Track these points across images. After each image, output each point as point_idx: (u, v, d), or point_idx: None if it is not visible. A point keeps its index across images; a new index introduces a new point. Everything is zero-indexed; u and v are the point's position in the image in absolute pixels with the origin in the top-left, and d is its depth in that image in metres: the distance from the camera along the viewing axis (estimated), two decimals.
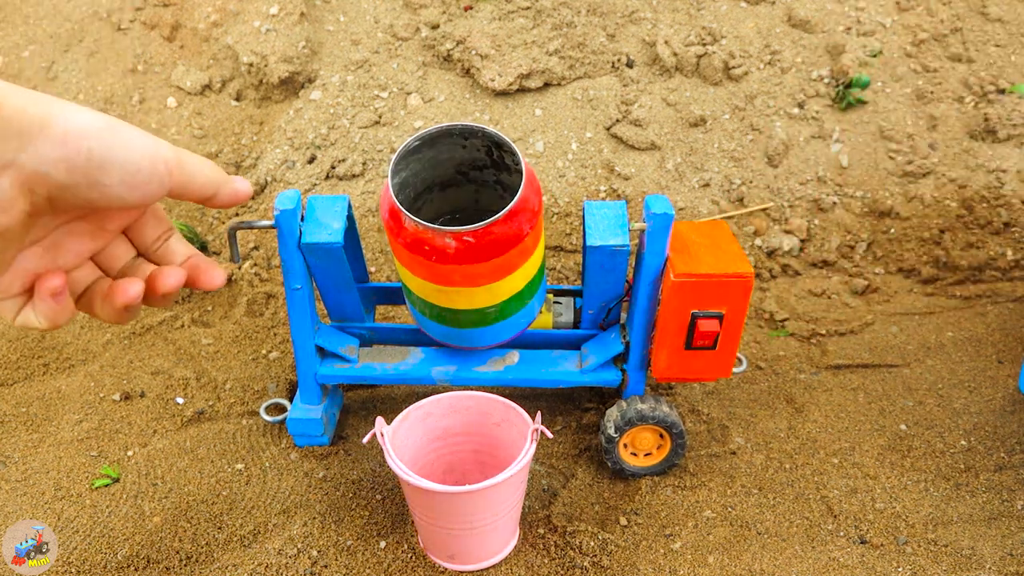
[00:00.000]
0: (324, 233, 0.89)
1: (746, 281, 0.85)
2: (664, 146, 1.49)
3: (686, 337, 0.89)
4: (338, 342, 1.01)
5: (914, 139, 1.48)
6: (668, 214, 0.84)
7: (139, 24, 1.66)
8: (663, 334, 0.90)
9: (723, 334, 0.89)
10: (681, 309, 0.87)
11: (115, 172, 0.50)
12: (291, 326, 0.97)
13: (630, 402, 0.98)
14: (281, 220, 0.87)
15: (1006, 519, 0.98)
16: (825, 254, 1.41)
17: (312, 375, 1.01)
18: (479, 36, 1.54)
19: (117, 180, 0.50)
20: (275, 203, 0.87)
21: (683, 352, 0.91)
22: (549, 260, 1.41)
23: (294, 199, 0.88)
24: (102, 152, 0.49)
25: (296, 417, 1.04)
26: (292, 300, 0.93)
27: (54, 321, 0.55)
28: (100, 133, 0.49)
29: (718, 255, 0.87)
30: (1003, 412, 1.13)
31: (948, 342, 1.26)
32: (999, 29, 1.56)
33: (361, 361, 1.03)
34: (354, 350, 1.03)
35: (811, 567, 0.92)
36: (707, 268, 0.85)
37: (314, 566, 0.93)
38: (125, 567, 0.93)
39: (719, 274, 0.85)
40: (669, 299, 0.87)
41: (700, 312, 0.87)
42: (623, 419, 0.97)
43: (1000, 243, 1.38)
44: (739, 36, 1.58)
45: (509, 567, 0.93)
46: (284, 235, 0.88)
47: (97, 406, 1.15)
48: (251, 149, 1.57)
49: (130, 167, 0.51)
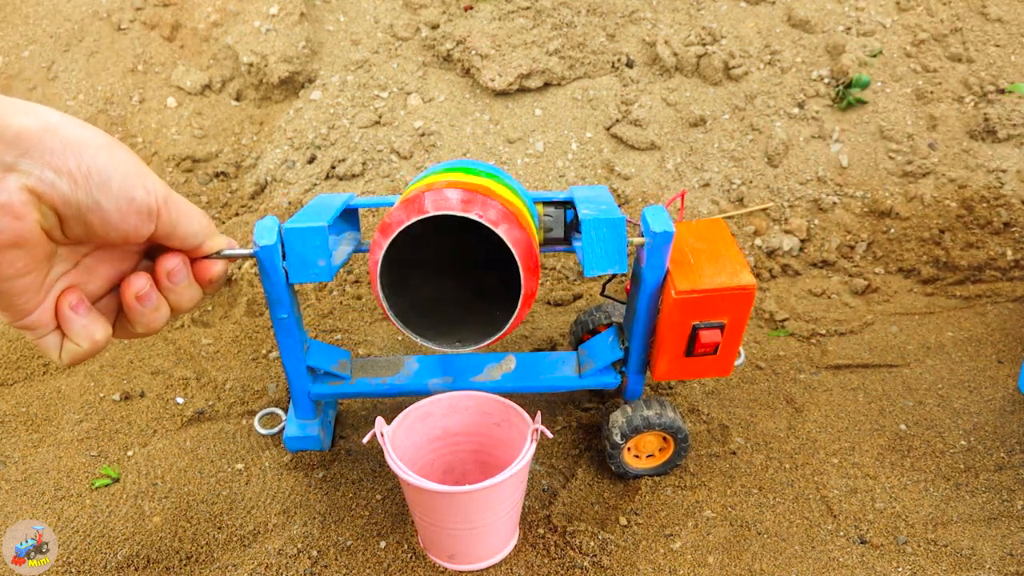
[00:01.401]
0: (311, 273, 0.84)
1: (749, 293, 0.84)
2: (664, 146, 1.49)
3: (687, 345, 0.88)
4: (329, 359, 0.98)
5: (914, 139, 1.48)
6: (668, 232, 0.81)
7: (139, 24, 1.66)
8: (663, 343, 0.89)
9: (724, 340, 0.88)
10: (682, 322, 0.86)
11: (112, 193, 0.50)
12: (280, 351, 0.93)
13: (636, 408, 0.97)
14: (262, 255, 0.81)
15: (1006, 519, 0.98)
16: (825, 254, 1.41)
17: (305, 394, 1.00)
18: (479, 36, 1.54)
19: (113, 205, 0.51)
20: (254, 235, 0.81)
21: (683, 359, 0.90)
22: (549, 260, 1.41)
23: (273, 230, 0.81)
24: (100, 170, 0.49)
25: (293, 435, 1.03)
26: (279, 328, 0.90)
27: (92, 339, 0.55)
28: (98, 151, 0.49)
29: (719, 264, 0.86)
30: (1003, 412, 1.13)
31: (948, 342, 1.26)
32: (999, 29, 1.56)
33: (355, 377, 1.00)
34: (346, 365, 1.00)
35: (811, 567, 0.92)
36: (709, 282, 0.83)
37: (314, 566, 0.93)
38: (125, 567, 0.93)
39: (721, 288, 0.83)
40: (670, 314, 0.85)
41: (701, 323, 0.86)
42: (630, 427, 0.96)
43: (1000, 243, 1.38)
44: (739, 36, 1.58)
45: (509, 567, 0.93)
46: (266, 269, 0.83)
47: (97, 406, 1.15)
48: (251, 149, 1.57)
49: (126, 191, 0.51)
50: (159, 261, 0.58)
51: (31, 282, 0.51)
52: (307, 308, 1.34)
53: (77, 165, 0.48)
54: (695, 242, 0.90)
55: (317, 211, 0.89)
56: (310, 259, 0.83)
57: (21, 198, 0.46)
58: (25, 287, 0.50)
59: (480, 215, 0.73)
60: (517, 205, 0.82)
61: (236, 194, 1.53)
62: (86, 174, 0.48)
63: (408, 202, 0.76)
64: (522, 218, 0.80)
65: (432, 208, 0.73)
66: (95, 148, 0.49)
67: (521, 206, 0.84)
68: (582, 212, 0.84)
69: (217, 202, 1.53)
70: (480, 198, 0.75)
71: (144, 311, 0.57)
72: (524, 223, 0.79)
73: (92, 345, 0.55)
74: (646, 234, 0.83)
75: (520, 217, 0.79)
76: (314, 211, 0.89)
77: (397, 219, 0.75)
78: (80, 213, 0.49)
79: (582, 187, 0.98)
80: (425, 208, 0.74)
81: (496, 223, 0.74)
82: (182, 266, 0.59)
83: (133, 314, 0.58)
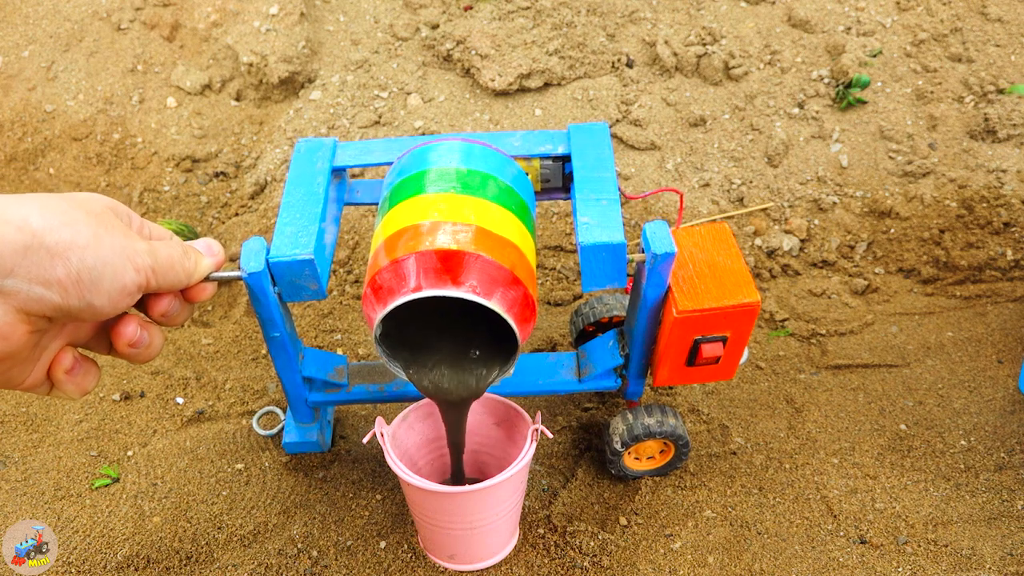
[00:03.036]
0: (304, 295, 0.82)
1: (753, 310, 0.82)
2: (664, 146, 1.49)
3: (688, 356, 0.87)
4: (325, 367, 0.95)
5: (914, 139, 1.48)
6: (670, 253, 0.78)
7: (139, 24, 1.66)
8: (664, 354, 0.87)
9: (727, 351, 0.87)
10: (684, 337, 0.85)
11: (103, 289, 0.50)
12: (275, 366, 0.91)
13: (636, 416, 0.96)
14: (250, 281, 0.77)
15: (1006, 519, 0.98)
16: (825, 254, 1.41)
17: (303, 401, 0.97)
18: (479, 36, 1.54)
19: (105, 300, 0.50)
20: (240, 260, 0.77)
21: (685, 368, 0.89)
22: (549, 260, 1.41)
23: (260, 254, 0.77)
24: (90, 270, 0.48)
25: (292, 441, 1.03)
26: (272, 345, 0.87)
27: (83, 389, 0.56)
28: (85, 251, 0.48)
29: (722, 279, 0.83)
30: (1003, 412, 1.13)
31: (948, 342, 1.26)
32: (999, 29, 1.56)
33: (352, 384, 0.97)
34: (343, 371, 0.97)
35: (811, 567, 0.93)
36: (711, 300, 0.81)
37: (314, 566, 0.93)
38: (125, 567, 0.93)
39: (724, 306, 0.81)
40: (671, 330, 0.84)
41: (704, 338, 0.84)
42: (630, 435, 0.95)
43: (1000, 243, 1.38)
44: (739, 36, 1.58)
45: (509, 567, 0.93)
46: (255, 293, 0.79)
47: (97, 406, 1.15)
48: (251, 149, 1.58)
49: (117, 282, 0.51)
50: (151, 304, 0.59)
51: (21, 369, 0.51)
52: (307, 308, 1.34)
53: (66, 272, 0.47)
54: (697, 252, 0.87)
55: (300, 211, 0.83)
56: (301, 284, 0.80)
57: (8, 319, 0.46)
58: (15, 374, 0.51)
59: (474, 287, 0.69)
60: (518, 246, 0.77)
61: (236, 194, 1.53)
62: (76, 280, 0.47)
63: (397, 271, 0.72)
64: (521, 265, 0.75)
65: (425, 284, 0.70)
66: (82, 249, 0.47)
67: (522, 235, 0.79)
68: (580, 221, 0.81)
69: (217, 202, 1.53)
70: (473, 262, 0.71)
71: (138, 352, 0.58)
72: (523, 269, 0.75)
73: (83, 394, 0.56)
74: (647, 252, 0.80)
75: (519, 267, 0.75)
76: (296, 211, 0.83)
77: (388, 287, 0.71)
78: (71, 315, 0.49)
79: (581, 131, 0.91)
80: (419, 285, 0.70)
81: (490, 288, 0.70)
82: (174, 302, 0.60)
83: (128, 358, 0.59)
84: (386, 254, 0.73)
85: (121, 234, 0.52)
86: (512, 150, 0.90)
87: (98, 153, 1.57)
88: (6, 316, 0.45)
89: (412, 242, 0.72)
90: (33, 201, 0.47)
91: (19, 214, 0.45)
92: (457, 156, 0.82)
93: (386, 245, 0.75)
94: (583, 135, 0.92)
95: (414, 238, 0.73)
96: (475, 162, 0.82)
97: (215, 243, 0.68)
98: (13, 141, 1.58)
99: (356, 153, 0.93)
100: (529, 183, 0.87)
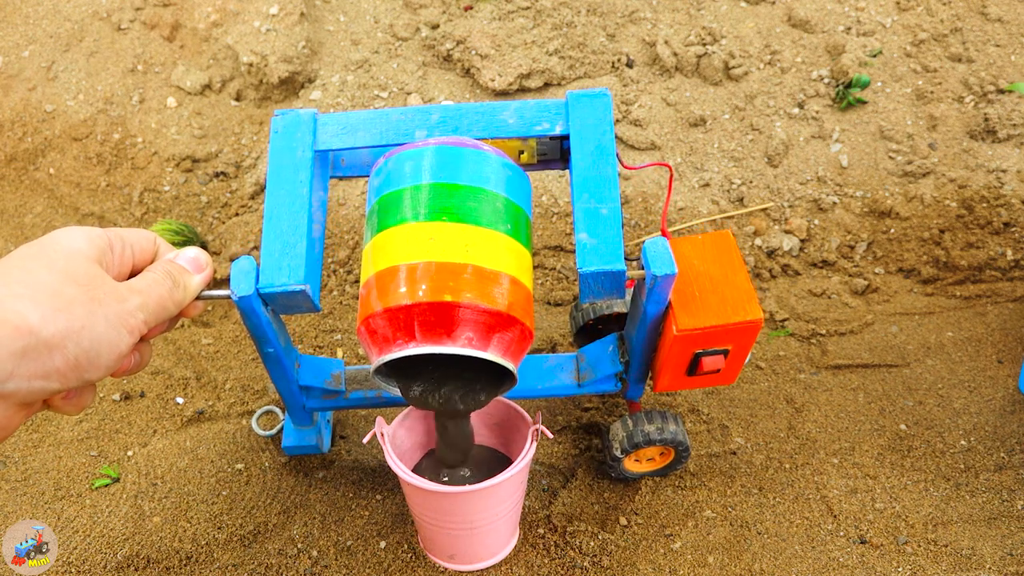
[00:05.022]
0: (297, 311, 0.80)
1: (755, 326, 0.81)
2: (664, 146, 1.49)
3: (688, 368, 0.86)
4: (322, 374, 0.93)
5: (914, 139, 1.48)
6: (671, 274, 0.76)
7: (139, 24, 1.66)
8: (665, 364, 0.86)
9: (728, 362, 0.86)
10: (684, 352, 0.84)
11: (101, 363, 0.51)
12: (271, 377, 0.89)
13: (637, 422, 0.96)
14: (241, 305, 0.75)
15: (1006, 519, 0.98)
16: (825, 254, 1.41)
17: (300, 407, 0.96)
18: (479, 36, 1.54)
19: (103, 372, 0.52)
20: (230, 284, 0.74)
21: (685, 377, 0.89)
22: (548, 260, 1.41)
23: (250, 275, 0.74)
24: (87, 351, 0.49)
25: (291, 444, 1.02)
26: (266, 359, 0.85)
27: (81, 408, 0.58)
28: (81, 335, 0.48)
29: (724, 294, 0.82)
30: (1003, 412, 1.13)
31: (948, 342, 1.26)
32: (999, 29, 1.56)
33: (349, 390, 0.96)
34: (340, 378, 0.95)
35: (811, 567, 0.93)
36: (713, 318, 0.80)
37: (314, 566, 0.93)
38: (125, 567, 0.93)
39: (726, 324, 0.80)
40: (672, 346, 0.83)
41: (704, 351, 0.84)
42: (630, 443, 0.95)
43: (1000, 243, 1.38)
44: (739, 36, 1.58)
45: (509, 567, 0.93)
46: (245, 313, 0.77)
47: (97, 406, 1.15)
48: (251, 149, 1.58)
49: (113, 352, 0.52)
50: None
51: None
52: None
53: (64, 361, 0.47)
54: (699, 264, 0.85)
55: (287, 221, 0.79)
56: (294, 305, 0.78)
57: (7, 414, 0.47)
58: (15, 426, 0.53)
59: (470, 339, 0.69)
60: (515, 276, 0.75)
61: (236, 194, 1.53)
62: (74, 366, 0.48)
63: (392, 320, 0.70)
64: (517, 297, 0.74)
65: (420, 338, 0.69)
66: (78, 333, 0.48)
67: (519, 258, 0.77)
68: (579, 238, 0.78)
69: (217, 202, 1.53)
70: (468, 315, 0.70)
71: (130, 373, 0.62)
72: (519, 301, 0.74)
73: (83, 410, 0.58)
74: (647, 271, 0.77)
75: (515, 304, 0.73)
76: (282, 222, 0.79)
77: (383, 335, 0.71)
78: (70, 390, 0.52)
79: (580, 104, 0.85)
80: (414, 339, 0.70)
81: (486, 336, 0.70)
82: (163, 324, 0.64)
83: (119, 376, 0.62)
84: (379, 297, 0.71)
85: (113, 299, 0.51)
86: (506, 129, 0.85)
87: (98, 153, 1.57)
88: (6, 411, 0.47)
89: (407, 288, 0.70)
90: (22, 287, 0.46)
91: (14, 309, 0.45)
92: (449, 168, 0.78)
93: (378, 284, 0.72)
94: (582, 109, 0.85)
95: (408, 283, 0.70)
96: (467, 175, 0.77)
97: (202, 255, 0.67)
98: (13, 141, 1.58)
99: (338, 132, 0.85)
100: (527, 183, 0.84)
